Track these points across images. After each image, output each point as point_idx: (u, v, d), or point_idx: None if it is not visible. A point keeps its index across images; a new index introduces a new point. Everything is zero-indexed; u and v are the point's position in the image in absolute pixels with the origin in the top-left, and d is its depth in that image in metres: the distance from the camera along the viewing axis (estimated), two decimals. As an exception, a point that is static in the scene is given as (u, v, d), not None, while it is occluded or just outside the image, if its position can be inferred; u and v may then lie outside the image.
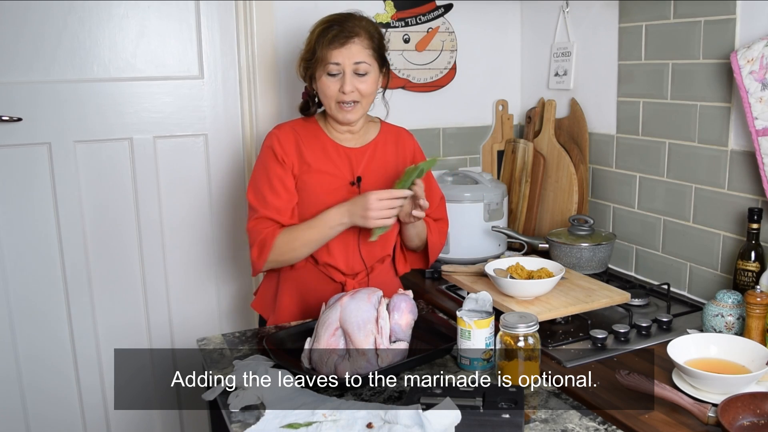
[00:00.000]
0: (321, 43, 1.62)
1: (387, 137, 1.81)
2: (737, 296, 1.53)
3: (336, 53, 1.61)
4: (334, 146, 1.73)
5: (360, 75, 1.64)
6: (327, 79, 1.64)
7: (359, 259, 1.75)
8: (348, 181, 1.71)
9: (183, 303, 2.30)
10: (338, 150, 1.73)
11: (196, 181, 2.26)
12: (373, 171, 1.75)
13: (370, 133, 1.79)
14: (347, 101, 1.64)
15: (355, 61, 1.62)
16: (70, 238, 2.11)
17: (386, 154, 1.78)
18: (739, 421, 1.15)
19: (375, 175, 1.74)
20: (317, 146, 1.72)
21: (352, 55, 1.62)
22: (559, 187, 2.28)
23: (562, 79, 2.34)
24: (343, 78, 1.63)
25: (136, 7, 2.10)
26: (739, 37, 1.69)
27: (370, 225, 1.59)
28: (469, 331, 1.37)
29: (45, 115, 2.03)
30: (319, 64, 1.63)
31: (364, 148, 1.76)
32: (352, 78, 1.63)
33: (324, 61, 1.62)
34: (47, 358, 2.14)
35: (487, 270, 1.70)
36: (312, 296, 1.73)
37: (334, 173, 1.71)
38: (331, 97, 1.65)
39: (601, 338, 1.54)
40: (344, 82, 1.62)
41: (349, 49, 1.62)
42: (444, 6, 2.44)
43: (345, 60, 1.62)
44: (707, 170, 1.82)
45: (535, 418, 1.19)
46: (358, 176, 1.72)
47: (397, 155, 1.80)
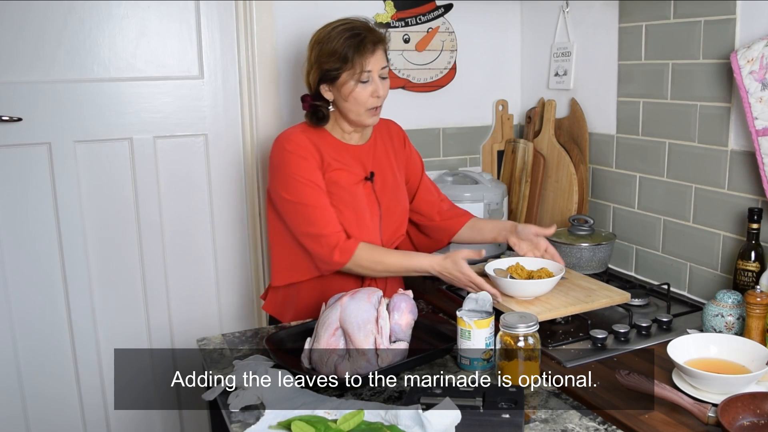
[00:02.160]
0: (355, 51, 1.63)
1: (381, 131, 1.87)
2: (737, 296, 1.53)
3: (369, 60, 1.65)
4: (343, 146, 1.77)
5: (383, 79, 1.70)
6: (360, 86, 1.66)
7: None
8: (362, 177, 1.76)
9: (183, 303, 2.30)
10: (347, 149, 1.77)
11: (196, 181, 2.26)
12: (381, 165, 1.81)
13: (367, 131, 1.84)
14: (377, 105, 1.69)
15: (382, 66, 1.68)
16: (70, 238, 2.11)
17: (386, 148, 1.85)
18: (739, 421, 1.15)
19: (383, 169, 1.81)
20: (328, 146, 1.75)
21: (379, 61, 1.67)
22: (559, 187, 2.28)
23: (562, 79, 2.34)
24: (374, 84, 1.67)
25: (136, 7, 2.10)
26: (739, 37, 1.69)
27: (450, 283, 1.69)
28: (469, 331, 1.37)
29: (45, 115, 2.03)
30: (351, 71, 1.64)
31: (367, 145, 1.81)
32: (381, 83, 1.68)
33: (359, 69, 1.64)
34: (47, 357, 2.14)
35: (487, 270, 1.70)
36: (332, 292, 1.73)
37: (349, 170, 1.75)
38: (363, 104, 1.68)
39: (601, 338, 1.54)
40: (377, 87, 1.67)
41: (377, 55, 1.67)
42: (444, 6, 2.44)
43: (375, 66, 1.66)
44: (707, 170, 1.82)
45: (535, 418, 1.19)
46: (371, 171, 1.77)
47: (393, 146, 1.88)
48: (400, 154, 1.90)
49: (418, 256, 1.72)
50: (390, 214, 1.82)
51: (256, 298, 2.37)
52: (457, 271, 1.63)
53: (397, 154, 1.89)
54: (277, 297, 1.82)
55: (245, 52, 2.23)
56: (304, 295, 1.78)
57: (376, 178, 1.79)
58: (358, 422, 1.08)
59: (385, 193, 1.81)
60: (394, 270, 1.70)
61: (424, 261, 1.69)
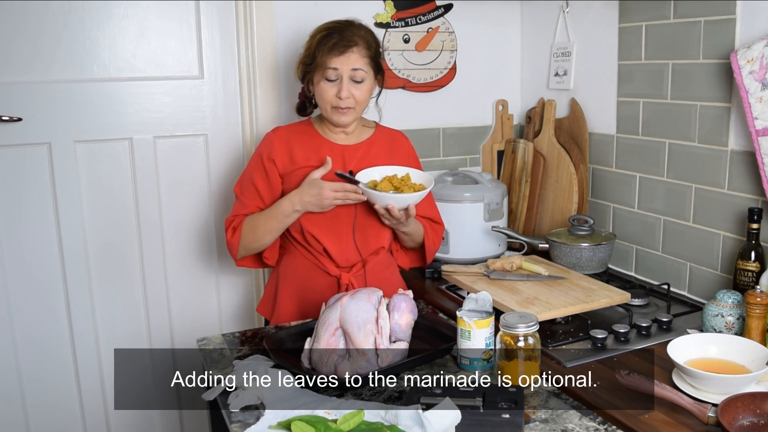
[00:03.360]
0: (321, 50, 1.67)
1: (381, 138, 1.85)
2: (737, 296, 1.53)
3: (335, 60, 1.67)
4: (328, 144, 1.78)
5: (356, 82, 1.70)
6: (325, 84, 1.69)
7: (354, 249, 1.77)
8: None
9: (183, 303, 2.30)
10: (332, 147, 1.78)
11: (196, 181, 2.26)
12: (366, 166, 1.77)
13: (364, 134, 1.84)
14: (343, 106, 1.70)
15: (353, 68, 1.68)
16: (70, 238, 2.11)
17: (379, 154, 1.82)
18: (739, 421, 1.15)
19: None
20: (310, 145, 1.77)
21: (350, 62, 1.68)
22: (559, 187, 2.28)
23: (562, 79, 2.34)
24: (340, 84, 1.68)
25: (136, 7, 2.10)
26: (739, 37, 1.69)
27: (325, 210, 1.70)
28: (469, 331, 1.37)
29: (45, 115, 2.03)
30: (317, 69, 1.69)
31: (358, 145, 1.81)
32: (348, 84, 1.68)
33: (323, 67, 1.68)
34: (47, 358, 2.14)
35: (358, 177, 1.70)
36: (309, 292, 1.77)
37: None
38: (328, 101, 1.71)
39: (601, 338, 1.54)
40: (341, 88, 1.68)
41: (347, 56, 1.67)
42: (444, 6, 2.44)
43: (343, 66, 1.67)
44: (707, 170, 1.82)
45: (535, 418, 1.19)
46: (350, 170, 1.75)
47: (390, 156, 1.84)
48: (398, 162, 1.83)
49: (279, 202, 1.72)
50: (366, 217, 1.76)
51: (256, 298, 2.37)
52: (316, 188, 1.66)
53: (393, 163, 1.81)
54: (265, 298, 1.88)
55: (245, 52, 2.23)
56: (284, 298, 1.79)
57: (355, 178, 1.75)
58: (358, 422, 1.08)
59: None
60: (269, 227, 1.71)
61: (284, 203, 1.70)
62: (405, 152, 1.88)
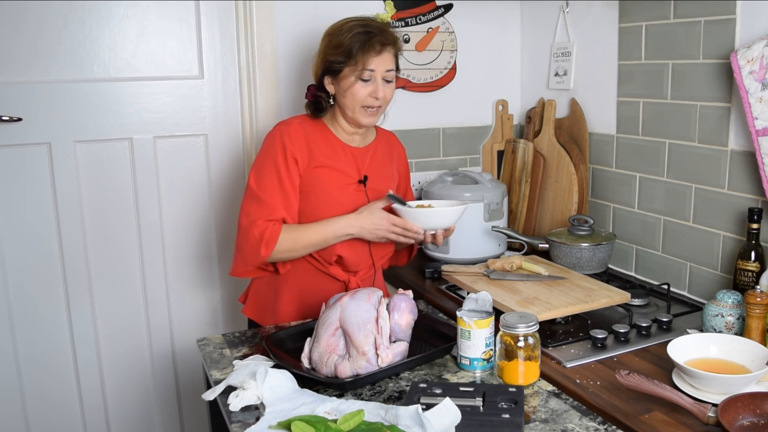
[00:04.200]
0: (360, 47, 1.62)
1: (382, 139, 1.85)
2: (737, 296, 1.53)
3: (375, 60, 1.63)
4: (340, 145, 1.74)
5: (387, 81, 1.68)
6: (359, 83, 1.65)
7: (368, 256, 1.76)
8: (355, 179, 1.73)
9: (183, 303, 2.31)
10: (344, 148, 1.75)
11: (196, 181, 2.26)
12: (376, 170, 1.77)
13: (370, 136, 1.83)
14: (374, 106, 1.67)
15: (387, 69, 1.66)
16: (70, 238, 2.11)
17: (383, 156, 1.82)
18: (739, 421, 1.15)
19: (377, 175, 1.77)
20: (324, 143, 1.72)
21: (385, 63, 1.66)
22: (559, 187, 2.28)
23: (562, 79, 2.34)
24: (374, 84, 1.65)
25: (136, 7, 2.10)
26: (739, 37, 1.69)
27: (375, 241, 1.69)
28: (469, 331, 1.37)
29: (45, 115, 2.03)
30: (353, 66, 1.63)
31: (366, 148, 1.79)
32: (382, 85, 1.66)
33: (361, 66, 1.63)
34: (47, 357, 2.14)
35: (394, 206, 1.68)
36: (313, 297, 1.73)
37: (342, 170, 1.72)
38: (360, 101, 1.66)
39: (601, 338, 1.54)
40: (377, 88, 1.65)
41: (384, 57, 1.65)
42: (444, 6, 2.44)
43: (379, 67, 1.65)
44: (707, 170, 1.82)
45: (535, 418, 1.19)
46: (365, 175, 1.74)
47: (391, 157, 1.85)
48: (397, 166, 1.87)
49: (334, 221, 1.64)
50: None
51: (256, 298, 2.37)
52: (378, 218, 1.64)
53: (394, 165, 1.86)
54: (257, 300, 1.80)
55: (245, 52, 2.23)
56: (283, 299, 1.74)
57: (369, 183, 1.74)
58: (358, 422, 1.08)
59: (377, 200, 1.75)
60: (314, 242, 1.63)
61: (340, 223, 1.63)
62: (400, 153, 1.90)
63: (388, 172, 1.82)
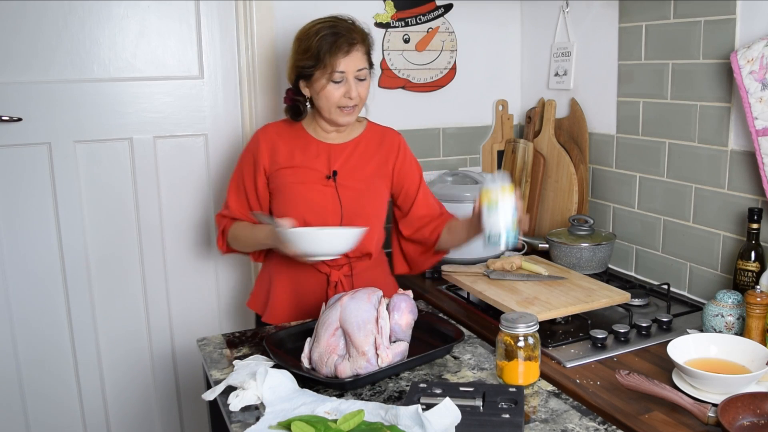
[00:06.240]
0: (327, 51, 1.63)
1: (372, 135, 1.83)
2: (737, 296, 1.53)
3: (343, 61, 1.64)
4: (315, 143, 1.77)
5: (360, 80, 1.68)
6: (331, 85, 1.66)
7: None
8: (324, 174, 1.74)
9: (183, 303, 2.30)
10: (318, 146, 1.76)
11: (196, 181, 2.26)
12: (352, 166, 1.77)
13: (354, 131, 1.82)
14: (350, 105, 1.68)
15: (358, 68, 1.67)
16: (70, 238, 2.11)
17: (368, 152, 1.80)
18: (739, 421, 1.15)
19: (352, 170, 1.76)
20: (296, 144, 1.76)
21: (355, 62, 1.66)
22: (559, 187, 2.29)
23: (562, 79, 2.34)
24: (347, 84, 1.66)
25: (136, 7, 2.10)
26: (739, 37, 1.69)
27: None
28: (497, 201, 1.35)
29: (45, 115, 2.03)
30: (323, 70, 1.64)
31: (345, 144, 1.79)
32: (355, 84, 1.67)
33: (331, 69, 1.64)
34: (47, 358, 2.14)
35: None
36: (301, 289, 1.78)
37: (311, 167, 1.74)
38: (334, 102, 1.67)
39: (601, 338, 1.54)
40: (350, 88, 1.66)
41: (353, 57, 1.65)
42: (444, 6, 2.44)
43: (349, 67, 1.65)
44: (707, 170, 1.82)
45: (535, 418, 1.19)
46: (334, 170, 1.74)
47: (380, 153, 1.81)
48: (388, 161, 1.81)
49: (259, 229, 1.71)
50: (354, 218, 1.73)
51: (256, 298, 2.37)
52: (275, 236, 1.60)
53: (384, 161, 1.81)
54: (257, 290, 1.89)
55: (245, 52, 2.23)
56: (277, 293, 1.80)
57: (339, 178, 1.74)
58: (358, 422, 1.08)
59: (349, 196, 1.74)
60: (248, 243, 1.77)
61: (263, 233, 1.69)
62: (396, 148, 1.83)
63: (371, 168, 1.79)
